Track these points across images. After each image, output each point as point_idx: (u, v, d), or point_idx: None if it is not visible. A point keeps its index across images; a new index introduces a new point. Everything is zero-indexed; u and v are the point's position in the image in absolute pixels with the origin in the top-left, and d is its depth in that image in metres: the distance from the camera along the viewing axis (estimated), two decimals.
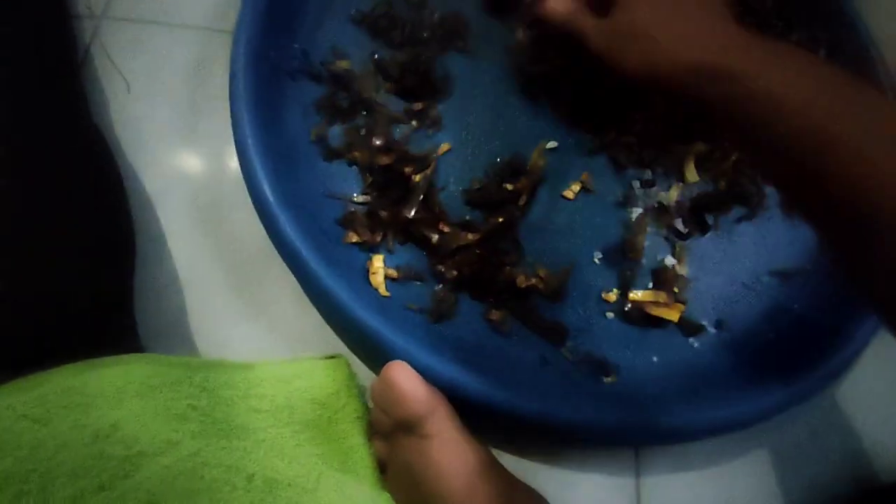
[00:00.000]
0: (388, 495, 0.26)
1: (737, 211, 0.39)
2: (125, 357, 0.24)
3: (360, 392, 0.31)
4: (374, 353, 0.30)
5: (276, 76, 0.38)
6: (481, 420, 0.29)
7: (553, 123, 0.40)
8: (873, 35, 0.42)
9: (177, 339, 0.32)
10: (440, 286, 0.35)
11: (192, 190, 0.36)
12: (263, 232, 0.33)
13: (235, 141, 0.33)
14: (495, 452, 0.32)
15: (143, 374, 0.23)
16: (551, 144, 0.39)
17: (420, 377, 0.27)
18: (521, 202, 0.37)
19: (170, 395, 0.23)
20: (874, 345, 0.35)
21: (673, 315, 0.35)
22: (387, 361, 0.29)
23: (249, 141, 0.32)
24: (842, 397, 0.37)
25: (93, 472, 0.18)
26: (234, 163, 0.33)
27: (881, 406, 0.37)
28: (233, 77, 0.34)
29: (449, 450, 0.26)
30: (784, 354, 0.34)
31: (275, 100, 0.37)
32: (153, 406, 0.22)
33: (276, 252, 0.32)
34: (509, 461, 0.32)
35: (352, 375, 0.32)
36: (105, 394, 0.21)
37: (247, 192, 0.33)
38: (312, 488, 0.23)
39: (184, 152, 0.38)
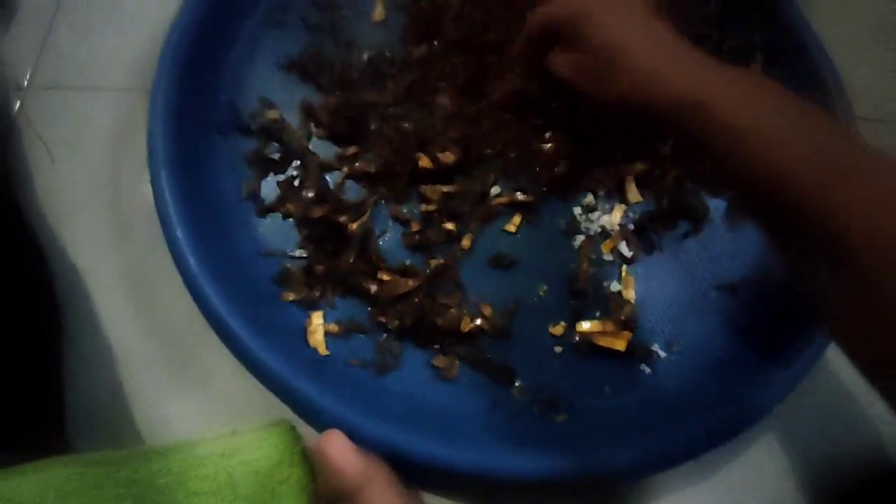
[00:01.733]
0: None
1: (681, 227, 0.39)
2: (42, 463, 0.23)
3: (305, 459, 0.30)
4: (313, 420, 0.29)
5: (202, 132, 0.37)
6: (430, 477, 0.29)
7: None
8: (819, 36, 0.41)
9: (112, 418, 0.31)
10: (384, 336, 0.34)
11: (120, 262, 0.35)
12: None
13: (157, 209, 0.32)
14: None
15: (59, 478, 0.22)
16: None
17: (354, 447, 0.26)
18: (464, 242, 0.37)
19: (89, 498, 0.22)
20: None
21: (620, 344, 0.34)
22: (326, 426, 0.28)
23: (171, 209, 0.32)
24: (803, 406, 0.37)
25: None
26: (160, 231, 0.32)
27: (845, 410, 0.37)
28: (150, 137, 0.33)
29: None
30: (735, 370, 0.33)
31: (201, 157, 0.36)
32: None
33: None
34: None
35: (296, 441, 0.31)
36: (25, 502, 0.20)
37: None
38: None
39: (109, 222, 0.37)
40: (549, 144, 0.38)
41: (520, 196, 0.38)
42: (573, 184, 0.39)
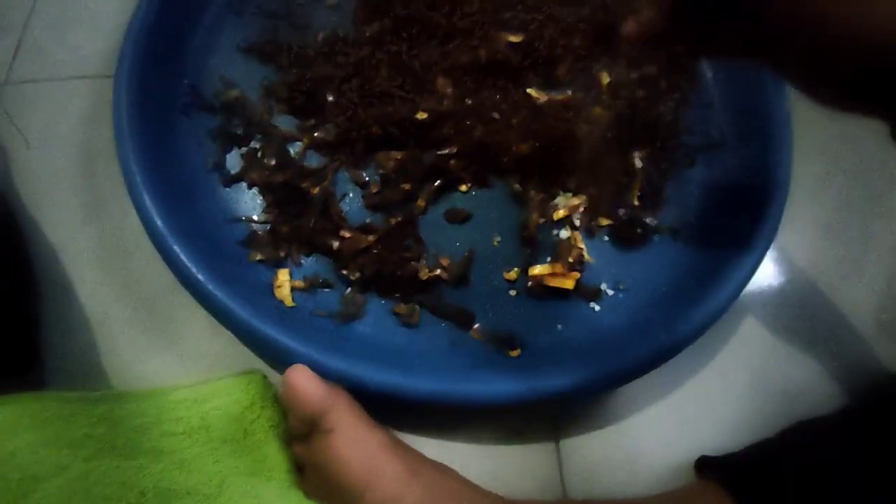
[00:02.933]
0: (300, 492, 0.27)
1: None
2: (18, 395, 0.25)
3: (276, 402, 0.32)
4: (281, 363, 0.31)
5: (166, 112, 0.39)
6: (395, 410, 0.31)
7: None
8: None
9: (91, 378, 0.33)
10: (348, 290, 0.36)
11: (95, 233, 0.37)
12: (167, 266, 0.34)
13: (125, 178, 0.34)
14: (419, 440, 0.33)
15: (34, 409, 0.24)
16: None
17: (316, 376, 0.28)
18: (419, 202, 0.39)
19: (62, 426, 0.24)
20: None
21: (569, 283, 0.37)
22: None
23: (137, 179, 0.34)
24: (739, 335, 0.39)
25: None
26: (132, 202, 0.34)
27: (780, 345, 0.40)
28: (115, 119, 0.35)
29: (349, 439, 0.27)
30: (673, 302, 0.36)
31: (165, 135, 0.38)
32: (45, 436, 0.23)
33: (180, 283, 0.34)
34: (432, 446, 0.34)
35: (267, 387, 0.33)
36: (1, 427, 0.22)
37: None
38: (214, 494, 0.24)
39: (83, 199, 0.39)
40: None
41: (462, 188, 0.40)
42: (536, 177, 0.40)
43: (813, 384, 0.38)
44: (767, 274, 0.41)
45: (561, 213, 0.39)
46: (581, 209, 0.40)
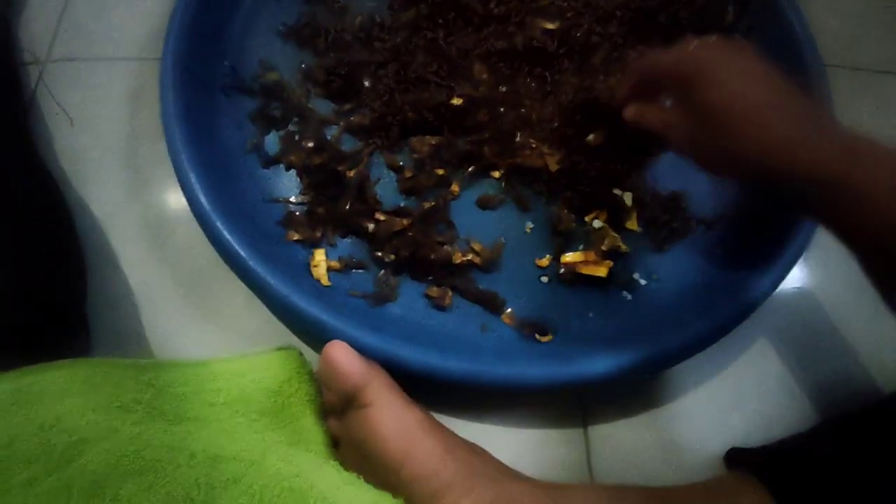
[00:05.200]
0: (337, 464, 0.28)
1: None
2: (70, 361, 0.26)
3: (312, 378, 0.33)
4: (318, 339, 0.32)
5: (208, 93, 0.40)
6: (427, 389, 0.31)
7: None
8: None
9: (133, 349, 0.34)
10: (382, 271, 0.37)
11: (138, 210, 0.38)
12: (208, 241, 0.35)
13: (171, 158, 0.35)
14: (449, 421, 0.34)
15: (84, 374, 0.25)
16: None
17: (355, 352, 0.29)
18: (453, 187, 0.39)
19: (112, 391, 0.25)
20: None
21: (601, 271, 0.37)
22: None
23: (183, 156, 0.35)
24: (772, 330, 0.39)
25: (42, 459, 0.20)
26: (175, 181, 0.35)
27: (817, 335, 0.39)
28: (163, 98, 0.36)
29: (386, 414, 0.28)
30: (708, 293, 0.36)
31: (208, 115, 0.39)
32: (94, 400, 0.24)
33: (221, 259, 0.34)
34: (460, 426, 0.34)
35: (303, 363, 0.33)
36: (50, 391, 0.23)
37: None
38: (258, 460, 0.24)
39: (128, 176, 0.40)
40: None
41: (495, 174, 0.40)
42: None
43: (846, 380, 0.38)
44: (804, 269, 0.41)
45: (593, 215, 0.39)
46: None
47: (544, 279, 0.37)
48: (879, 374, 0.38)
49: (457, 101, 0.40)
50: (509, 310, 0.36)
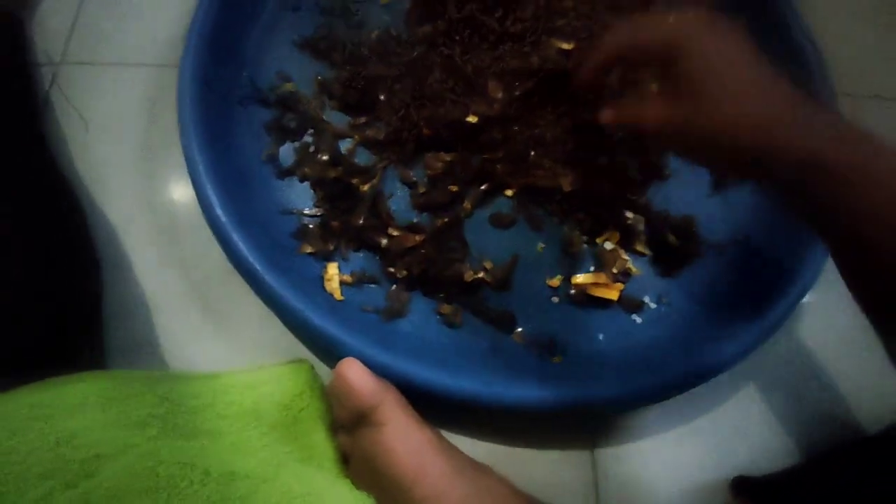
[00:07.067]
0: (349, 481, 0.28)
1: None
2: (85, 374, 0.26)
3: (324, 392, 0.33)
4: (330, 354, 0.32)
5: (225, 104, 0.40)
6: (436, 407, 0.31)
7: None
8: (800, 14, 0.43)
9: (146, 358, 0.34)
10: (393, 287, 0.37)
11: (152, 218, 0.38)
12: (222, 250, 0.35)
13: (187, 167, 0.35)
14: (456, 440, 0.34)
15: (100, 388, 0.25)
16: None
17: (368, 370, 0.29)
18: (466, 204, 0.39)
19: (128, 405, 0.25)
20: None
21: (612, 294, 0.37)
22: (342, 358, 0.31)
23: (200, 167, 0.35)
24: (781, 358, 0.39)
25: (58, 474, 0.20)
26: (190, 189, 0.35)
27: (826, 362, 0.39)
28: (180, 107, 0.36)
29: (398, 434, 0.28)
30: (717, 321, 0.36)
31: (224, 125, 0.39)
32: (111, 415, 0.24)
33: (235, 269, 0.34)
34: (468, 445, 0.34)
35: (315, 377, 0.34)
36: (65, 406, 0.23)
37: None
38: (271, 478, 0.24)
39: (142, 183, 0.40)
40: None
41: (508, 192, 0.40)
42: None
43: (852, 410, 0.38)
44: (813, 296, 0.41)
45: (604, 237, 0.39)
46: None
47: (555, 299, 0.38)
48: (886, 405, 0.38)
49: (472, 119, 0.40)
50: (519, 329, 0.36)
